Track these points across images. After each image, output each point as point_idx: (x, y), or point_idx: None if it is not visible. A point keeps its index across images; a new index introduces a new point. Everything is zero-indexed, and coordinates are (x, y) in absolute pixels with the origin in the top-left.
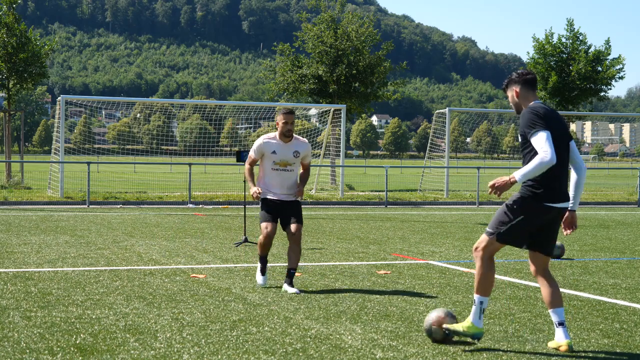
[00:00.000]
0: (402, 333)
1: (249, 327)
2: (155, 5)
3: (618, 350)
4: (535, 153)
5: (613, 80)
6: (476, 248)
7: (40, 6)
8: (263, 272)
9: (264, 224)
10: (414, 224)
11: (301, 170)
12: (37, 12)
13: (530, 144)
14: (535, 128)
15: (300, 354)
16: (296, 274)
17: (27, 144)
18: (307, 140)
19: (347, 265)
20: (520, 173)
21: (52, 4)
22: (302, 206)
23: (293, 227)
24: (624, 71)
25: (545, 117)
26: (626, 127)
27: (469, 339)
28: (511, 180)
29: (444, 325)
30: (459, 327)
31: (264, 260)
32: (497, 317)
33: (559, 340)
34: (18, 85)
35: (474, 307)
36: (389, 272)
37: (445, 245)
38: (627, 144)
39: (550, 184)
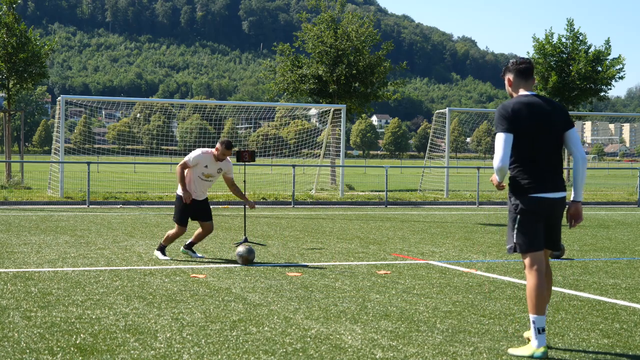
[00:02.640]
0: (402, 333)
1: (249, 327)
2: (155, 5)
3: (618, 350)
4: (513, 149)
5: (613, 80)
6: (528, 269)
7: (40, 6)
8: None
9: (179, 227)
10: (414, 224)
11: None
12: (37, 12)
13: None
14: (497, 129)
15: (300, 354)
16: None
17: (27, 144)
18: (230, 162)
19: (347, 265)
20: (495, 175)
21: (52, 4)
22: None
23: (207, 224)
24: (624, 71)
25: (514, 115)
26: (626, 127)
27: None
28: (492, 181)
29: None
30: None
31: (189, 246)
32: (497, 317)
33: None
34: (18, 85)
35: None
36: (389, 272)
37: (445, 245)
38: (627, 144)
39: (532, 175)
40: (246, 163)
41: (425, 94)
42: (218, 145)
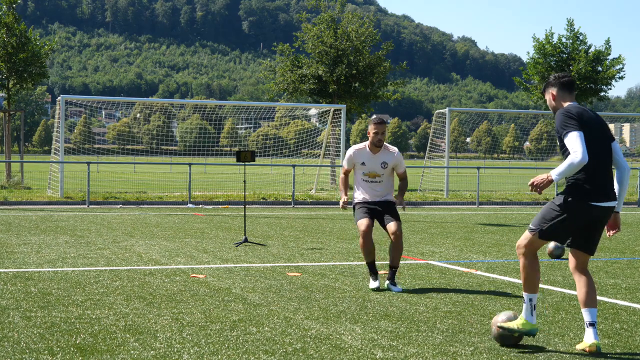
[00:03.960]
0: (402, 333)
1: (249, 327)
2: (155, 5)
3: (618, 350)
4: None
5: (613, 80)
6: (519, 246)
7: (40, 6)
8: (374, 278)
9: (360, 222)
10: (414, 224)
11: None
12: (37, 12)
13: (565, 145)
14: (567, 129)
15: (300, 354)
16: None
17: (27, 144)
18: (396, 149)
19: (347, 265)
20: (555, 172)
21: (52, 4)
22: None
23: (392, 225)
24: (624, 71)
25: (579, 117)
26: (626, 127)
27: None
28: (549, 178)
29: (499, 324)
30: (513, 325)
31: (371, 267)
32: None
33: (587, 340)
34: (18, 85)
35: (524, 305)
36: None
37: (445, 245)
38: (627, 144)
39: (594, 182)
40: (246, 163)
41: (425, 94)
42: (368, 126)
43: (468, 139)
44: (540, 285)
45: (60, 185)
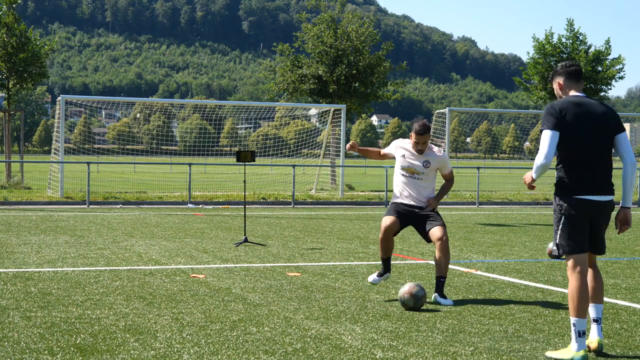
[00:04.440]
0: (402, 333)
1: (249, 327)
2: (155, 5)
3: (618, 350)
4: (560, 150)
5: (613, 80)
6: (568, 268)
7: (40, 6)
8: (379, 274)
9: (385, 218)
10: None
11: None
12: (37, 12)
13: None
14: (543, 126)
15: (300, 354)
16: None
17: (27, 144)
18: (442, 152)
19: (347, 265)
20: (532, 171)
21: (52, 4)
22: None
23: (436, 230)
24: (624, 71)
25: (561, 113)
26: (626, 127)
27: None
28: (530, 176)
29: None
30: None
31: (385, 264)
32: (497, 317)
33: (591, 337)
34: (18, 85)
35: (572, 331)
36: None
37: None
38: None
39: (578, 176)
40: (246, 163)
41: (425, 94)
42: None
43: (468, 139)
44: (540, 285)
45: (60, 185)
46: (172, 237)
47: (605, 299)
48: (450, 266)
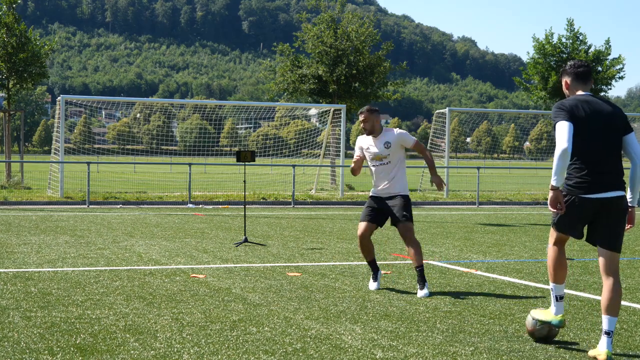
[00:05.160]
0: (402, 333)
1: (249, 327)
2: (155, 5)
3: (618, 351)
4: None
5: (613, 80)
6: (550, 240)
7: (40, 6)
8: (374, 278)
9: (360, 224)
10: (413, 224)
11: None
12: (37, 12)
13: None
14: (556, 119)
15: (300, 354)
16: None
17: (27, 144)
18: (398, 130)
19: (347, 265)
20: (552, 178)
21: (52, 4)
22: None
23: (401, 226)
24: (624, 71)
25: (570, 110)
26: None
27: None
28: (551, 189)
29: (534, 316)
30: (542, 312)
31: (372, 265)
32: (497, 317)
33: (600, 348)
34: (18, 85)
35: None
36: (389, 272)
37: (445, 245)
38: None
39: (585, 175)
40: (246, 163)
41: (425, 94)
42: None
43: (468, 139)
44: (540, 285)
45: (60, 185)
46: (172, 237)
47: None
48: (450, 266)
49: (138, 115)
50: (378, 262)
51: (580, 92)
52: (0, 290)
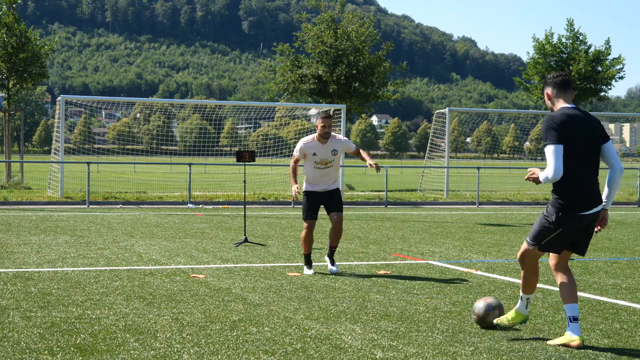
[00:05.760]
0: (402, 333)
1: (249, 327)
2: (155, 5)
3: (618, 351)
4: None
5: (613, 80)
6: (522, 257)
7: (40, 6)
8: (310, 267)
9: (307, 221)
10: (414, 224)
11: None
12: (37, 12)
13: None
14: (547, 141)
15: (300, 354)
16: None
17: (27, 144)
18: (343, 137)
19: (347, 265)
20: (541, 176)
21: (52, 4)
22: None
23: (334, 215)
24: (624, 71)
25: (562, 127)
26: (626, 127)
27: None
28: (539, 177)
29: (495, 321)
30: (506, 321)
31: (307, 258)
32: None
33: (571, 335)
34: (18, 85)
35: (519, 301)
36: (389, 272)
37: (445, 245)
38: (627, 144)
39: (580, 192)
40: (246, 163)
41: (425, 94)
42: (316, 121)
43: (468, 139)
44: (540, 286)
45: (60, 185)
46: (172, 237)
47: (605, 299)
48: (450, 266)
49: (138, 115)
50: (378, 262)
51: (562, 104)
52: (0, 290)
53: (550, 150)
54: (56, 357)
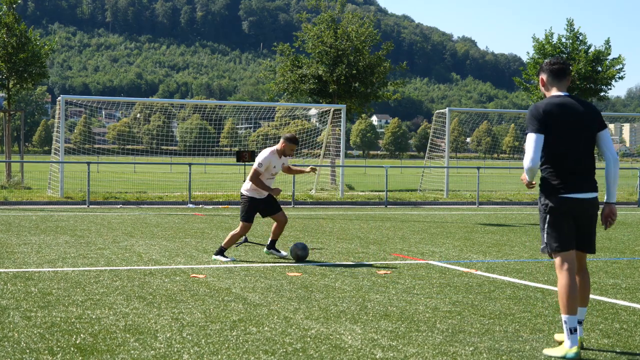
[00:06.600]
0: (402, 333)
1: (249, 327)
2: (155, 5)
3: (618, 350)
4: (545, 150)
5: (613, 80)
6: (557, 267)
7: (40, 6)
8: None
9: (246, 224)
10: (414, 224)
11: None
12: (37, 12)
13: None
14: (528, 129)
15: (300, 354)
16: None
17: (27, 144)
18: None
19: (347, 265)
20: (524, 173)
21: (52, 4)
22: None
23: (281, 215)
24: (624, 71)
25: (545, 116)
26: (626, 127)
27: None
28: (524, 177)
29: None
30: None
31: (224, 250)
32: (497, 317)
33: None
34: (18, 85)
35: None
36: (389, 272)
37: (445, 245)
38: (627, 144)
39: (562, 175)
40: (246, 163)
41: (425, 94)
42: (285, 142)
43: (468, 139)
44: (540, 286)
45: (60, 185)
46: (172, 237)
47: (605, 299)
48: (450, 266)
49: (138, 115)
50: (378, 262)
51: (555, 92)
52: (0, 290)
53: (529, 138)
54: (56, 357)
